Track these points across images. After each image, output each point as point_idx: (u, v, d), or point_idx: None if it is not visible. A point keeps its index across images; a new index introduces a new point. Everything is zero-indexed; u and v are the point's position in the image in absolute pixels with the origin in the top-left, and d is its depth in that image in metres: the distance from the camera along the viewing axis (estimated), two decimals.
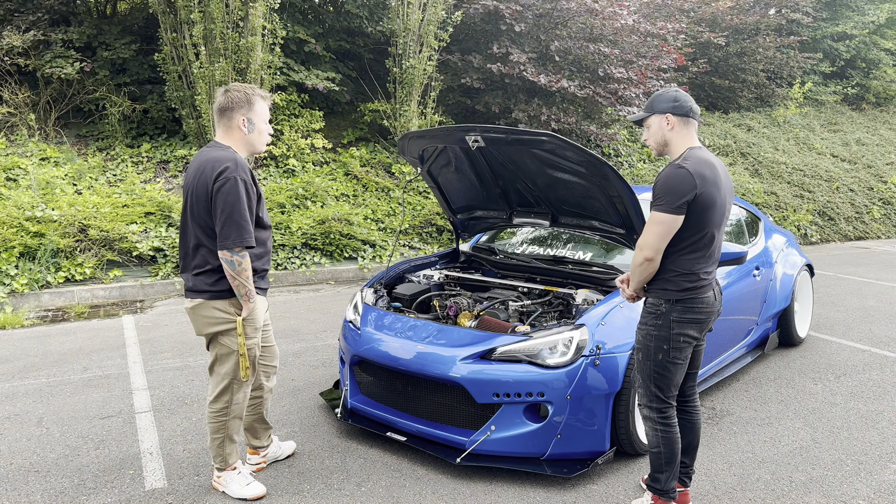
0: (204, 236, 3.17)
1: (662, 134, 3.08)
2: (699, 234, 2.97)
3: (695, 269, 2.99)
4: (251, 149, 3.32)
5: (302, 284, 8.76)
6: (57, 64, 9.86)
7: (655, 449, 3.11)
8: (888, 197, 14.79)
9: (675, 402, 3.13)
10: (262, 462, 3.70)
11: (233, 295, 3.21)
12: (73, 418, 4.37)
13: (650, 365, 3.07)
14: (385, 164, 11.42)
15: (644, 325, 3.10)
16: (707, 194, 2.92)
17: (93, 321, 6.87)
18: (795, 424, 4.36)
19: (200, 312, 3.23)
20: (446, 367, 3.68)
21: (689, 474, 3.32)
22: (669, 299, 3.01)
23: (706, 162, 2.97)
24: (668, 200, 2.89)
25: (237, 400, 3.33)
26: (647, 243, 2.97)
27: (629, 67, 11.69)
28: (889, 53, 19.84)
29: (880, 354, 5.82)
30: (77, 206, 8.27)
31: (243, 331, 3.22)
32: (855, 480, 3.64)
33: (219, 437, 3.34)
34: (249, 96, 3.24)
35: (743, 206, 5.81)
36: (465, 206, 5.10)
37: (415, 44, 11.11)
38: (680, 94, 3.06)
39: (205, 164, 3.14)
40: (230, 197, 3.06)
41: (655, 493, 3.15)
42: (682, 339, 3.02)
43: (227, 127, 3.26)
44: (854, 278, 9.38)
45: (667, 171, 2.96)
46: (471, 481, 3.58)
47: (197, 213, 3.16)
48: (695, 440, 3.28)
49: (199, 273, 3.20)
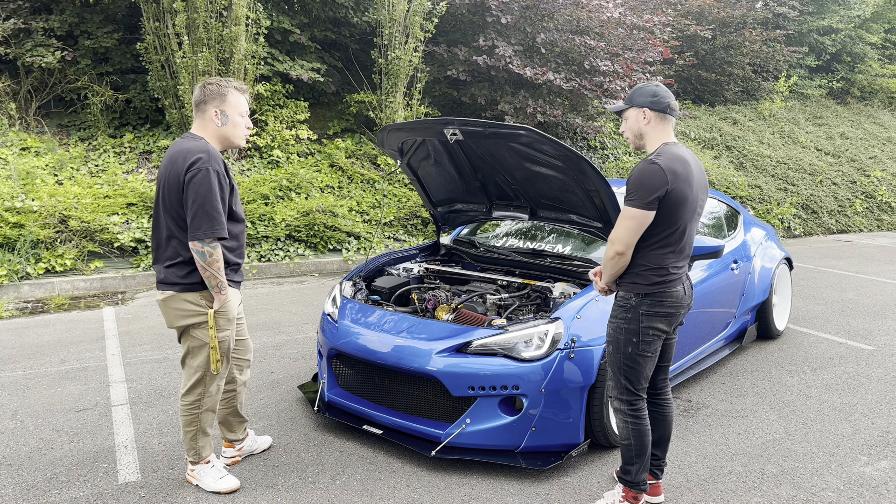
0: (176, 228, 3.16)
1: (639, 127, 3.10)
2: (670, 229, 2.99)
3: (665, 264, 3.02)
4: (226, 142, 3.29)
5: (286, 276, 8.74)
6: (38, 53, 9.75)
7: (626, 441, 3.14)
8: (871, 191, 14.91)
9: (645, 395, 3.16)
10: (238, 455, 3.69)
11: (204, 287, 3.20)
12: (48, 411, 4.34)
13: (620, 358, 3.09)
14: (370, 155, 11.39)
15: (614, 318, 3.13)
16: (679, 190, 2.94)
17: (73, 313, 6.82)
18: (770, 417, 4.41)
19: (171, 305, 3.21)
20: (422, 361, 3.69)
21: (661, 467, 3.35)
22: (639, 293, 3.03)
23: (679, 158, 2.98)
24: (640, 196, 2.92)
25: (210, 392, 3.33)
26: (618, 238, 2.99)
27: (615, 60, 11.69)
28: (874, 47, 19.97)
29: (857, 347, 5.88)
30: (58, 197, 8.20)
31: (214, 323, 3.21)
32: (825, 472, 3.69)
33: (191, 430, 3.34)
34: (223, 88, 3.23)
35: (722, 199, 5.84)
36: (445, 199, 5.10)
37: (400, 35, 11.06)
38: (660, 90, 3.08)
39: (177, 155, 3.12)
40: (202, 188, 3.05)
41: (626, 485, 3.17)
42: (652, 333, 3.05)
43: (201, 119, 3.24)
44: (835, 271, 9.45)
45: (640, 166, 2.98)
46: (446, 474, 3.60)
47: (169, 205, 3.14)
48: (666, 433, 3.31)
49: (170, 265, 3.19)
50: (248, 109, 3.35)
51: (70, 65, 10.21)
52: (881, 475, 3.66)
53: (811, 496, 3.44)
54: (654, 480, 3.33)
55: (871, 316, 6.94)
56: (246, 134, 3.34)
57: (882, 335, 6.24)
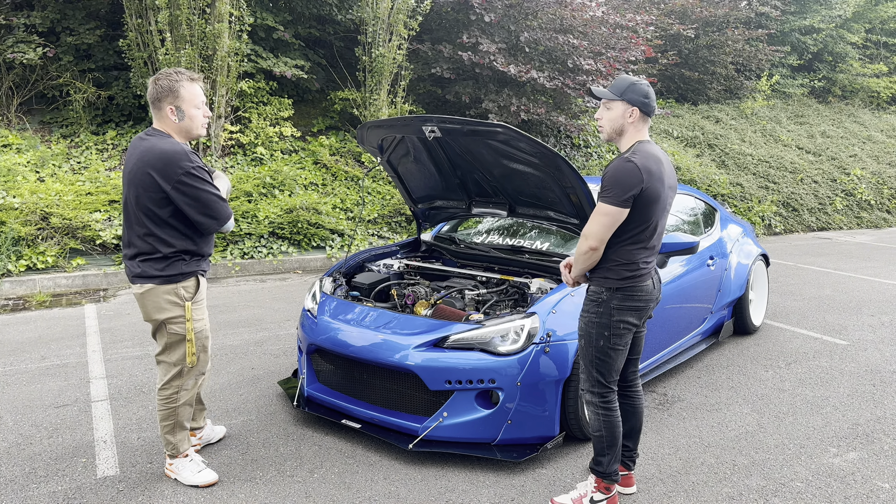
0: (153, 225, 3.19)
1: (622, 123, 3.10)
2: (642, 226, 3.05)
3: (635, 259, 3.07)
4: (187, 135, 3.32)
5: (269, 273, 8.75)
6: (19, 49, 9.69)
7: (598, 433, 3.19)
8: (850, 189, 15.10)
9: (616, 388, 3.21)
10: (198, 444, 3.74)
11: (181, 280, 3.26)
12: (27, 407, 4.35)
13: (592, 351, 3.14)
14: (355, 153, 11.41)
15: (586, 312, 3.18)
16: (652, 189, 2.99)
17: (54, 310, 6.81)
18: (743, 410, 4.49)
19: (150, 298, 3.25)
20: (400, 355, 3.73)
21: (633, 458, 3.41)
22: (610, 287, 3.08)
23: (653, 157, 3.03)
24: (616, 193, 2.95)
25: (187, 387, 3.37)
26: (592, 233, 3.03)
27: (598, 59, 11.77)
28: (855, 47, 20.20)
29: (831, 342, 5.98)
30: (39, 194, 8.17)
31: (191, 315, 3.27)
32: (795, 464, 3.77)
33: (168, 424, 3.37)
34: (174, 84, 3.21)
35: (700, 197, 5.92)
36: (425, 195, 5.14)
37: (385, 32, 11.09)
38: (651, 92, 3.11)
39: (148, 155, 3.13)
40: (193, 191, 3.14)
41: (598, 476, 3.22)
42: (623, 326, 3.10)
43: (159, 116, 3.27)
44: (813, 268, 9.59)
45: (615, 164, 3.01)
46: (423, 466, 3.65)
47: (143, 204, 3.17)
48: (637, 424, 3.37)
49: (147, 259, 3.23)
50: (203, 98, 3.33)
51: (52, 61, 10.16)
52: (849, 466, 3.75)
53: (780, 486, 3.51)
54: (626, 472, 3.40)
55: (846, 312, 7.05)
56: (204, 122, 3.36)
57: (856, 330, 6.35)
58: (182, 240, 3.24)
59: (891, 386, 4.95)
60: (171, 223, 3.20)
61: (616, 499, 3.26)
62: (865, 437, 4.10)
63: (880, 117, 19.45)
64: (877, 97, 20.39)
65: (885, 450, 3.94)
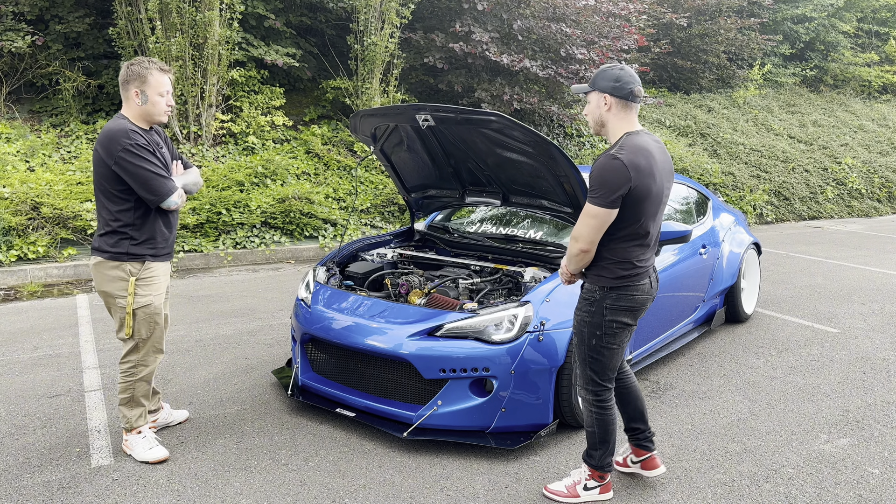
0: (105, 199, 3.41)
1: (600, 113, 3.02)
2: (634, 224, 2.96)
3: (630, 257, 3.00)
4: (149, 119, 3.49)
5: (261, 263, 8.73)
6: (7, 37, 9.59)
7: (590, 429, 3.17)
8: (842, 178, 15.16)
9: (611, 385, 3.15)
10: (153, 426, 3.80)
11: (126, 260, 3.41)
12: (20, 397, 4.34)
13: (585, 349, 3.10)
14: (347, 142, 11.37)
15: (579, 310, 3.13)
16: (642, 186, 2.89)
17: (46, 300, 6.78)
18: (735, 397, 4.52)
19: (100, 269, 3.45)
20: (394, 344, 3.74)
21: (650, 437, 3.33)
22: (604, 286, 3.02)
23: (642, 150, 2.91)
24: (602, 194, 2.86)
25: (145, 362, 3.54)
26: (581, 235, 2.95)
27: (591, 48, 11.75)
28: (847, 36, 20.22)
29: (822, 330, 6.02)
30: (29, 184, 8.11)
31: (133, 290, 3.41)
32: (786, 450, 3.80)
33: (126, 397, 3.53)
34: (143, 71, 3.41)
35: (692, 185, 5.94)
36: (418, 184, 5.13)
37: (376, 20, 11.03)
38: (623, 74, 2.95)
39: (102, 137, 3.35)
40: (131, 167, 3.30)
41: (591, 468, 3.21)
42: (616, 326, 3.04)
43: (125, 98, 3.45)
44: (805, 257, 9.64)
45: (602, 161, 2.91)
46: (417, 454, 3.66)
47: (97, 181, 3.41)
48: (639, 404, 3.31)
49: (102, 234, 3.44)
50: (170, 88, 3.52)
51: (41, 50, 10.07)
52: (839, 452, 3.78)
53: (772, 472, 3.55)
54: (647, 454, 3.34)
55: (837, 300, 7.10)
56: (167, 110, 3.52)
57: (847, 318, 6.40)
58: (128, 215, 3.40)
59: (881, 373, 5.00)
60: (121, 197, 3.38)
61: (610, 485, 3.27)
62: (856, 424, 4.14)
63: (871, 106, 19.51)
64: (868, 86, 20.44)
65: (875, 436, 3.98)
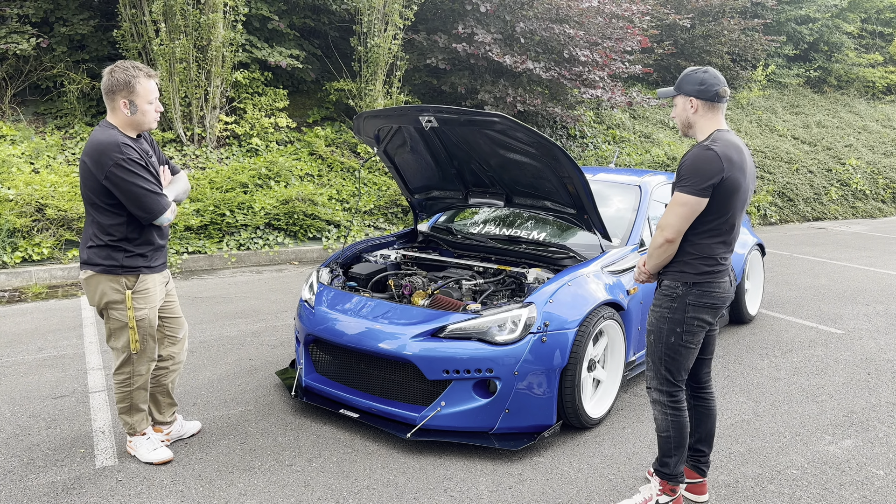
0: (95, 212, 3.31)
1: (686, 116, 3.03)
2: (721, 217, 2.92)
3: (714, 254, 2.95)
4: (138, 127, 3.36)
5: (265, 264, 8.74)
6: (12, 40, 9.62)
7: (665, 433, 3.07)
8: (846, 179, 15.14)
9: (684, 386, 3.09)
10: (166, 440, 3.73)
11: (120, 273, 3.34)
12: (25, 398, 4.35)
13: (662, 348, 3.03)
14: (350, 143, 11.38)
15: (658, 307, 3.05)
16: (733, 178, 2.86)
17: (50, 301, 6.80)
18: (739, 398, 4.51)
19: (92, 284, 3.36)
20: (398, 345, 3.74)
21: (707, 462, 3.28)
22: (687, 282, 2.96)
23: (734, 145, 2.91)
24: (694, 182, 2.84)
25: (139, 371, 3.48)
26: (668, 224, 2.91)
27: (594, 49, 11.75)
28: (851, 37, 20.20)
29: (826, 331, 6.01)
30: (34, 186, 8.13)
31: (132, 304, 3.35)
32: (791, 451, 3.79)
33: (124, 406, 3.51)
34: (130, 79, 3.26)
35: None
36: (421, 186, 5.14)
37: (380, 22, 11.05)
38: (708, 77, 2.97)
39: (88, 145, 3.25)
40: (123, 184, 3.19)
41: (664, 479, 3.11)
42: (697, 323, 2.99)
43: (111, 108, 3.31)
44: (808, 258, 9.62)
45: (694, 151, 2.90)
46: (421, 455, 3.66)
47: (85, 192, 3.30)
48: (712, 428, 3.25)
49: (91, 247, 3.33)
50: (157, 94, 3.39)
51: (45, 52, 10.09)
52: (844, 453, 3.78)
53: (776, 474, 3.54)
54: (699, 479, 3.27)
55: (841, 301, 7.09)
56: (156, 117, 3.40)
57: (851, 319, 6.38)
58: (121, 229, 3.30)
59: (885, 374, 4.99)
60: (112, 211, 3.28)
61: (681, 500, 3.17)
62: (860, 425, 4.14)
63: (875, 107, 19.49)
64: (872, 87, 20.41)
65: (879, 437, 3.97)
